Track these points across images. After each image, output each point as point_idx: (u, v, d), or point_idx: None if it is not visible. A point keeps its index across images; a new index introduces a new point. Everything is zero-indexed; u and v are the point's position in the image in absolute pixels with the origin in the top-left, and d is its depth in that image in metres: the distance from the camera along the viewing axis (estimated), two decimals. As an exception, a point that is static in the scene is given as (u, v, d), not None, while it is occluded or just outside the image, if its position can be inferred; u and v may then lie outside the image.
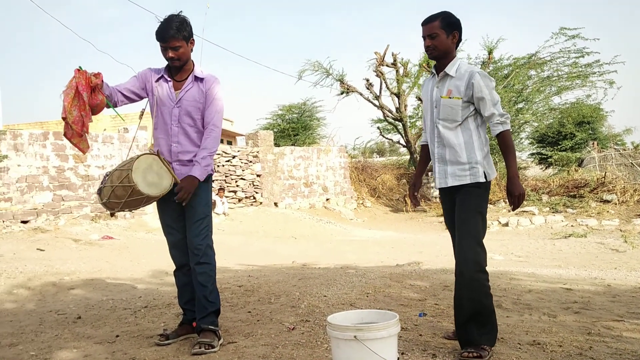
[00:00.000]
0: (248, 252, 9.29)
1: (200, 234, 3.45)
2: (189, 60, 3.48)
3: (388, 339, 2.47)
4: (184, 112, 3.47)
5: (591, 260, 7.68)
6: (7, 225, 10.43)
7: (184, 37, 3.36)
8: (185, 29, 3.36)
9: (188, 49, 3.43)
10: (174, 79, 3.52)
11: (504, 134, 3.13)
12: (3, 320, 4.27)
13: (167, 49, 3.35)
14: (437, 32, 3.19)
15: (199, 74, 3.49)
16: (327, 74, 20.75)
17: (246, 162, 15.54)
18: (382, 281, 5.46)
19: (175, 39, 3.33)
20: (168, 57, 3.38)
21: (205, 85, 3.47)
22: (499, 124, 3.12)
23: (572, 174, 17.28)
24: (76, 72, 3.19)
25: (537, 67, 18.73)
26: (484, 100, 3.11)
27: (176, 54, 3.36)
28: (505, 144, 3.16)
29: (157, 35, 3.36)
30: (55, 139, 11.66)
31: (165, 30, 3.32)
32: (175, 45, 3.34)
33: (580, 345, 3.20)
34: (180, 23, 3.35)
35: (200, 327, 3.40)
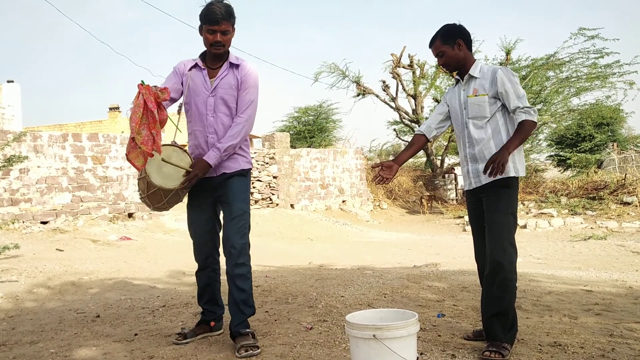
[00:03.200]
0: (265, 253, 9.30)
1: (238, 231, 3.30)
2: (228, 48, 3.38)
3: (407, 338, 2.45)
4: (220, 101, 3.34)
5: (611, 262, 7.57)
6: (27, 225, 10.56)
7: (234, 22, 3.29)
8: (234, 15, 3.28)
9: (232, 36, 3.33)
10: (209, 67, 3.38)
11: (525, 121, 3.12)
12: (24, 318, 4.31)
13: (215, 32, 3.23)
14: (442, 50, 3.29)
15: (235, 60, 3.38)
16: (343, 75, 20.75)
17: (262, 163, 15.57)
18: (399, 282, 5.43)
19: (227, 22, 3.23)
20: (215, 40, 3.25)
21: (241, 72, 3.35)
22: (522, 113, 3.12)
23: (592, 176, 17.06)
24: (141, 88, 3.04)
25: (556, 68, 18.54)
26: (508, 94, 3.14)
27: (224, 38, 3.26)
28: (521, 128, 3.13)
29: (207, 17, 3.22)
30: (74, 140, 11.79)
31: (218, 12, 3.20)
32: (225, 29, 3.25)
33: (602, 347, 3.15)
34: (231, 7, 3.27)
35: (239, 332, 3.29)
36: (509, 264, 3.06)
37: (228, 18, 3.22)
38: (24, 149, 10.87)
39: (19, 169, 10.68)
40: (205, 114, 3.36)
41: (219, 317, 3.62)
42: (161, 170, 3.24)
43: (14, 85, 19.00)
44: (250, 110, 3.36)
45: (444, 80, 20.64)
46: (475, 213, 3.35)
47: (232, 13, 3.25)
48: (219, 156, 3.24)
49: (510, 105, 3.14)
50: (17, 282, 5.86)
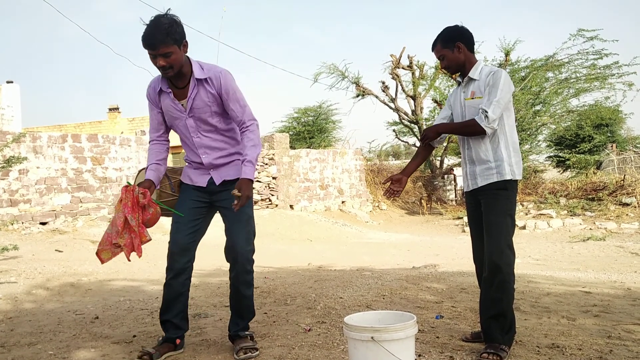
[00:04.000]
0: (264, 254, 9.29)
1: (245, 238, 3.22)
2: (184, 64, 3.06)
3: (405, 340, 2.45)
4: (200, 121, 3.16)
5: (610, 263, 7.58)
6: (26, 226, 10.56)
7: (175, 41, 2.92)
8: (175, 31, 2.92)
9: (181, 54, 2.99)
10: (175, 87, 3.14)
11: (472, 120, 3.12)
12: (22, 319, 4.31)
13: (156, 57, 2.93)
14: (443, 54, 3.30)
15: (200, 74, 3.08)
16: (342, 76, 20.74)
17: (262, 164, 15.59)
18: (398, 283, 5.43)
19: (165, 45, 2.89)
20: (159, 65, 2.96)
21: (214, 84, 3.09)
22: (479, 113, 3.10)
23: (591, 177, 17.08)
24: (123, 192, 3.01)
25: (555, 69, 18.54)
26: (492, 91, 3.10)
27: (168, 61, 2.94)
28: (464, 122, 3.20)
29: (144, 41, 2.91)
30: (74, 141, 11.79)
31: (152, 36, 2.88)
32: (165, 52, 2.91)
33: (600, 348, 3.16)
34: (169, 25, 2.90)
35: (238, 335, 3.28)
36: (507, 266, 3.07)
37: (165, 40, 2.88)
38: (23, 149, 10.88)
39: (18, 169, 10.68)
40: (189, 136, 3.23)
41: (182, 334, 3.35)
42: None
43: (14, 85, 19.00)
44: (248, 113, 3.18)
45: (443, 81, 20.66)
46: (474, 215, 3.36)
47: (171, 32, 2.90)
48: (253, 168, 3.07)
49: (483, 103, 3.12)
50: (16, 284, 5.86)
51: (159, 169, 3.25)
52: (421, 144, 3.54)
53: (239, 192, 3.01)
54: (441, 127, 3.34)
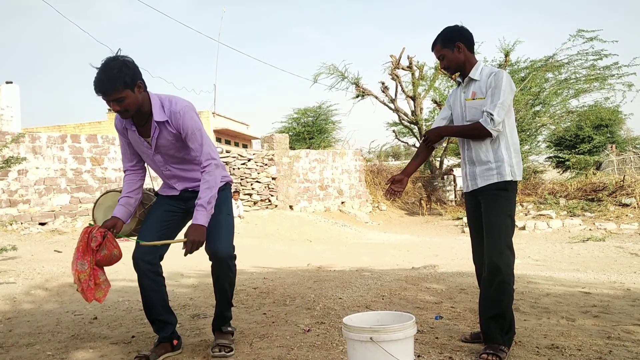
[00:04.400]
0: (263, 255, 9.30)
1: (226, 241, 3.15)
2: (142, 104, 2.99)
3: (404, 341, 2.44)
4: (167, 156, 3.16)
5: (610, 264, 7.58)
6: (25, 227, 10.55)
7: (126, 85, 2.85)
8: (126, 75, 2.85)
9: (136, 96, 2.92)
10: (138, 125, 3.10)
11: (478, 123, 3.11)
12: (21, 320, 4.30)
13: (109, 102, 2.89)
14: (443, 53, 3.29)
15: (159, 116, 3.02)
16: (342, 77, 20.77)
17: (262, 165, 15.58)
18: (397, 284, 5.43)
19: (115, 91, 2.83)
20: (114, 110, 2.92)
21: (172, 125, 3.04)
22: (484, 116, 3.08)
23: (590, 178, 17.10)
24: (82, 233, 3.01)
25: (555, 69, 18.57)
26: (489, 97, 3.10)
27: (122, 105, 2.88)
28: (469, 125, 3.17)
29: (95, 88, 2.86)
30: (73, 142, 11.79)
31: (101, 83, 2.83)
32: (117, 97, 2.85)
33: (600, 349, 3.15)
34: (119, 70, 2.83)
35: (220, 330, 3.31)
36: (506, 267, 3.06)
37: (115, 86, 2.82)
38: (23, 150, 10.87)
39: (18, 170, 10.68)
40: (159, 169, 3.24)
41: (177, 334, 3.33)
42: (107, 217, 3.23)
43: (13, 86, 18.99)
44: (207, 152, 3.07)
45: (443, 81, 20.68)
46: (473, 215, 3.35)
47: (121, 76, 2.83)
48: (206, 213, 3.00)
49: (486, 105, 3.12)
50: (14, 284, 5.85)
51: (129, 203, 3.19)
52: (421, 144, 3.53)
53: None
54: (445, 129, 3.33)
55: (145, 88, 3.03)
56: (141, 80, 2.97)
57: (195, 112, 3.12)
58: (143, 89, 2.99)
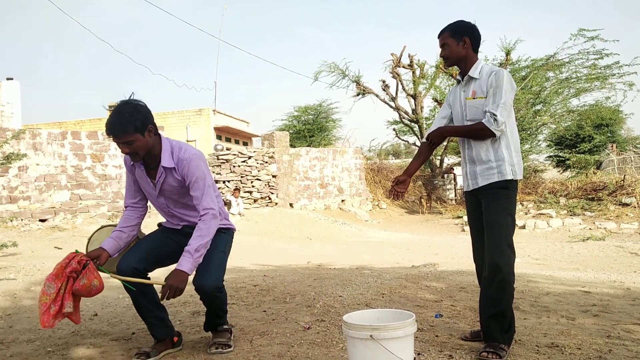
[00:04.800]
0: (263, 252, 9.30)
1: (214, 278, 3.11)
2: (152, 147, 3.06)
3: (404, 339, 2.44)
4: (170, 200, 3.22)
5: (610, 263, 7.58)
6: (25, 223, 10.55)
7: (137, 129, 2.93)
8: (137, 119, 2.93)
9: (146, 140, 2.99)
10: (147, 165, 3.17)
11: (480, 124, 3.11)
12: (21, 316, 4.31)
13: (120, 145, 2.97)
14: (447, 42, 3.27)
15: (167, 162, 3.08)
16: (343, 75, 20.77)
17: (262, 162, 15.58)
18: (397, 282, 5.43)
19: (125, 134, 2.91)
20: (124, 152, 3.01)
21: (178, 172, 3.10)
22: (486, 116, 3.09)
23: (591, 177, 17.10)
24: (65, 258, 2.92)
25: (556, 68, 18.56)
26: (490, 96, 3.10)
27: (131, 148, 2.96)
28: (472, 126, 3.16)
29: (106, 130, 2.96)
30: (74, 138, 11.79)
31: (113, 125, 2.92)
32: (127, 140, 2.93)
33: (600, 348, 3.15)
34: (130, 114, 2.92)
35: (216, 329, 3.31)
36: (507, 265, 3.06)
37: (126, 129, 2.91)
38: (23, 146, 10.87)
39: (18, 166, 10.68)
40: (163, 210, 3.29)
41: (176, 331, 3.36)
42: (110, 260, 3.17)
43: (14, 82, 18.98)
44: (207, 202, 3.08)
45: (444, 80, 20.67)
46: (474, 214, 3.35)
47: (132, 120, 2.92)
48: (192, 260, 2.96)
49: (486, 106, 3.12)
50: (15, 280, 5.85)
51: (120, 237, 3.17)
52: (423, 142, 3.53)
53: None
54: (447, 130, 3.32)
55: (156, 132, 3.10)
56: (152, 125, 3.04)
57: (202, 160, 3.15)
58: (154, 133, 3.06)
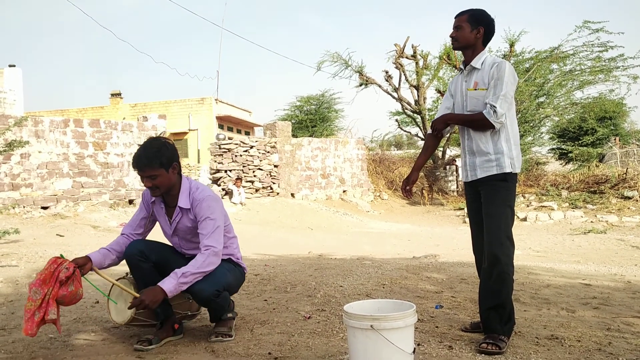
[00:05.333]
0: (264, 242, 9.32)
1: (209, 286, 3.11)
2: (173, 186, 3.18)
3: (405, 329, 2.45)
4: (184, 241, 3.33)
5: (611, 256, 7.58)
6: (27, 210, 10.58)
7: (162, 164, 3.07)
8: (163, 155, 3.08)
9: (169, 176, 3.12)
10: (167, 202, 3.28)
11: (480, 114, 3.10)
12: (23, 303, 4.31)
13: (143, 178, 3.11)
14: (462, 25, 3.24)
15: (184, 203, 3.18)
16: (346, 65, 20.70)
17: (264, 152, 15.57)
18: (398, 273, 5.44)
19: (150, 168, 3.06)
20: (146, 186, 3.13)
21: (192, 212, 3.20)
22: (487, 108, 3.08)
23: (593, 170, 17.06)
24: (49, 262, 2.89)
25: (560, 60, 18.47)
26: (491, 88, 3.08)
27: (154, 182, 3.08)
28: (472, 116, 3.17)
29: (133, 162, 3.13)
30: (76, 126, 11.78)
31: (140, 158, 3.07)
32: (151, 174, 3.07)
33: (599, 340, 3.16)
34: (157, 149, 3.08)
35: (219, 318, 3.32)
36: (506, 257, 3.06)
37: (151, 163, 3.05)
38: (25, 133, 10.87)
39: (20, 153, 10.69)
40: (176, 247, 3.39)
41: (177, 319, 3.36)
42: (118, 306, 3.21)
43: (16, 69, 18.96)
44: (212, 240, 3.11)
45: (447, 71, 20.59)
46: (473, 206, 3.35)
47: (158, 155, 3.06)
48: (176, 283, 2.97)
49: (488, 97, 3.10)
50: (17, 267, 5.87)
51: (107, 255, 3.22)
52: (429, 135, 3.52)
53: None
54: (449, 117, 3.32)
55: (180, 171, 3.19)
56: (177, 163, 3.18)
57: (216, 202, 3.21)
58: (177, 171, 3.19)
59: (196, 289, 3.09)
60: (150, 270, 3.21)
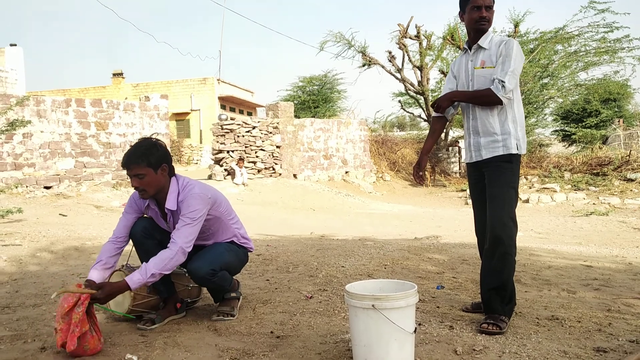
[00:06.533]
0: (266, 223, 9.34)
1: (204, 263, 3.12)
2: (162, 188, 3.07)
3: (406, 309, 2.46)
4: None
5: (612, 238, 7.59)
6: (30, 190, 10.61)
7: (149, 164, 2.97)
8: (152, 155, 2.99)
9: (157, 177, 3.02)
10: (159, 205, 3.19)
11: (488, 90, 3.08)
12: (27, 281, 4.36)
13: (131, 177, 3.01)
14: (492, 5, 3.18)
15: (171, 205, 3.07)
16: (349, 45, 20.54)
17: (266, 133, 15.54)
18: (400, 254, 5.46)
19: (137, 166, 2.96)
20: (133, 186, 3.02)
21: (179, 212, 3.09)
22: (494, 83, 3.06)
23: (596, 152, 17.01)
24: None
25: (565, 41, 18.32)
26: (506, 61, 3.05)
27: (141, 182, 2.98)
28: (479, 92, 3.13)
29: (122, 161, 3.05)
30: (78, 106, 11.76)
31: (128, 156, 2.99)
32: (138, 173, 2.97)
33: (600, 321, 3.18)
34: (146, 149, 3.00)
35: (223, 297, 3.35)
36: (509, 238, 3.06)
37: (138, 161, 2.96)
38: (27, 113, 10.86)
39: (22, 133, 10.69)
40: None
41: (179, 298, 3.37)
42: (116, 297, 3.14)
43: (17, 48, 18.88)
44: (179, 237, 2.98)
45: (451, 52, 20.44)
46: (476, 187, 3.34)
47: (147, 154, 2.97)
48: (143, 280, 2.85)
49: (496, 72, 3.08)
50: (20, 246, 5.90)
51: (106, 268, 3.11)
52: (434, 119, 3.50)
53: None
54: (454, 95, 3.27)
55: (171, 173, 3.10)
56: (167, 164, 3.07)
57: (198, 200, 3.07)
58: (167, 173, 3.08)
59: (192, 267, 3.11)
60: (155, 246, 3.20)
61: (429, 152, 3.48)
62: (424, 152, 3.44)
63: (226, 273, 3.24)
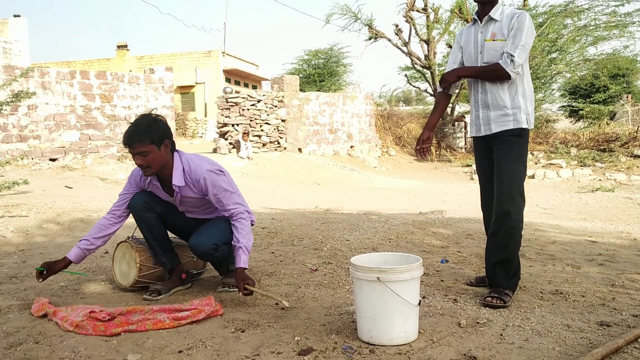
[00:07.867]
0: (271, 196, 9.36)
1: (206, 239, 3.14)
2: (166, 164, 3.06)
3: (411, 282, 2.47)
4: (191, 207, 3.27)
5: (618, 214, 7.57)
6: (36, 162, 10.63)
7: (152, 141, 2.95)
8: (154, 132, 2.96)
9: (161, 154, 3.00)
10: (162, 181, 3.18)
11: (497, 65, 3.04)
12: (34, 252, 4.39)
13: (134, 155, 2.98)
14: None
15: (178, 181, 3.07)
16: (355, 18, 20.30)
17: (271, 106, 15.46)
18: (404, 228, 5.46)
19: (140, 144, 2.93)
20: (137, 164, 3.00)
21: (194, 188, 3.12)
22: (503, 57, 3.02)
23: (603, 128, 16.86)
24: None
25: (574, 15, 18.04)
26: (517, 35, 3.01)
27: (144, 160, 2.96)
28: (487, 67, 3.10)
29: (123, 139, 3.02)
30: (82, 78, 11.71)
31: (129, 134, 2.95)
32: (141, 151, 2.94)
33: (603, 296, 3.19)
34: (148, 125, 2.97)
35: (229, 269, 3.38)
36: (516, 213, 3.05)
37: (140, 139, 2.93)
38: (32, 85, 10.82)
39: (27, 105, 10.67)
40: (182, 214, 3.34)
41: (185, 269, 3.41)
42: (121, 269, 3.32)
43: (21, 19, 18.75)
44: (231, 207, 3.11)
45: (458, 25, 20.17)
46: (483, 161, 3.31)
47: (149, 131, 2.94)
48: (247, 256, 3.06)
49: (507, 46, 3.03)
50: (27, 217, 5.94)
51: (88, 248, 3.15)
52: (439, 93, 3.44)
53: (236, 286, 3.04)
54: (462, 70, 3.23)
55: (173, 149, 3.09)
56: (169, 140, 3.05)
57: (216, 173, 3.11)
58: (170, 149, 3.07)
59: (195, 243, 3.13)
60: (156, 220, 3.23)
61: (432, 128, 3.38)
62: (428, 127, 3.37)
63: (228, 247, 3.23)
